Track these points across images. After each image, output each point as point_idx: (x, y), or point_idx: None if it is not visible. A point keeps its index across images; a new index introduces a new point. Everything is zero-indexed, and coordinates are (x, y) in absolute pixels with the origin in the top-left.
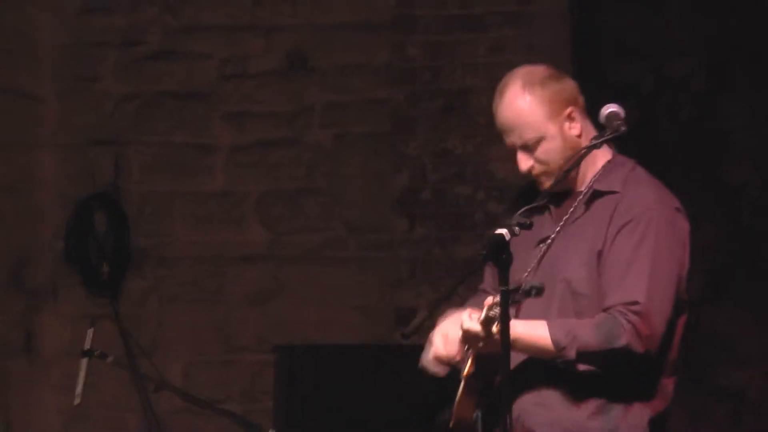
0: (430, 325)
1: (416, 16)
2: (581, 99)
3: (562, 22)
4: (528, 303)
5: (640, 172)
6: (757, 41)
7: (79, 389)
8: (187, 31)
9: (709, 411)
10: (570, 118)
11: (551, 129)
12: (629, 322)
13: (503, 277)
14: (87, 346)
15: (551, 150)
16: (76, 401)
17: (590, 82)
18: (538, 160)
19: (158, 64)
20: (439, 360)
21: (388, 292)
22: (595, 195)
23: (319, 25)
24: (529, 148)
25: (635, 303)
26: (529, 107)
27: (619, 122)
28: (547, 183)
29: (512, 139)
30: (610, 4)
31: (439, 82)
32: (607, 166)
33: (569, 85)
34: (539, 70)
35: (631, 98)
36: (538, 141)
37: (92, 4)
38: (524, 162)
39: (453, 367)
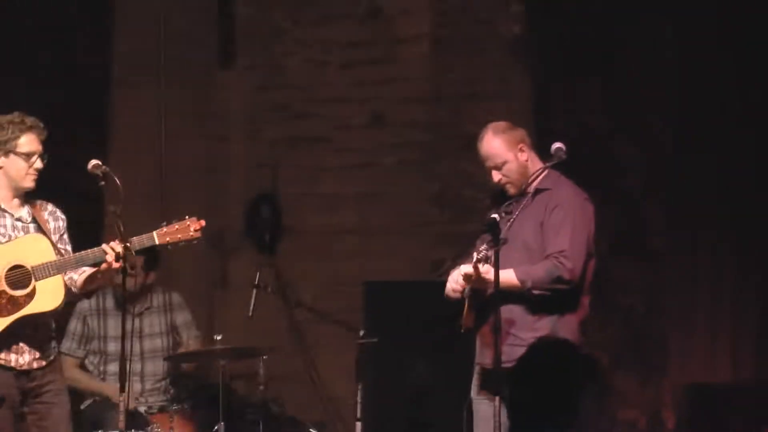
0: (452, 270)
1: (442, 93)
2: (528, 139)
3: (527, 97)
4: (502, 255)
5: (564, 177)
6: (643, 105)
7: (251, 306)
8: (314, 102)
9: (610, 319)
10: (521, 150)
11: (510, 156)
12: (560, 262)
13: (495, 242)
14: (256, 281)
15: (511, 169)
16: (250, 314)
17: (546, 129)
18: (503, 175)
19: (297, 120)
20: (453, 291)
21: (428, 251)
22: (538, 192)
23: (387, 99)
24: (498, 168)
25: (563, 251)
26: (497, 144)
27: (562, 153)
28: (511, 189)
29: (488, 164)
30: (557, 86)
31: (457, 130)
32: (545, 176)
33: (520, 132)
34: (501, 124)
35: (568, 138)
36: (503, 164)
37: (259, 85)
38: (496, 177)
39: (462, 294)
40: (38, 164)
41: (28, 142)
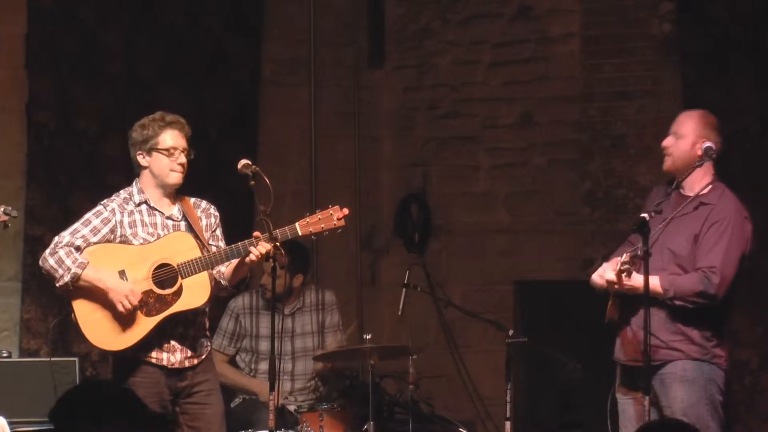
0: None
1: (593, 92)
2: (717, 147)
3: (677, 96)
4: (651, 261)
5: (728, 192)
6: None
7: (401, 305)
8: (464, 102)
9: (760, 317)
10: (702, 143)
11: (691, 138)
12: (708, 277)
13: (645, 241)
14: (406, 281)
15: (681, 147)
16: (399, 313)
17: None
18: (672, 145)
19: (447, 120)
20: (600, 276)
21: (579, 250)
22: (701, 204)
23: (538, 98)
24: (675, 136)
25: (714, 267)
26: (691, 120)
27: (711, 152)
28: (667, 162)
29: (672, 127)
30: (708, 86)
31: (607, 129)
32: (711, 187)
33: (717, 136)
34: (713, 117)
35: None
36: (681, 137)
37: (409, 85)
38: (667, 141)
39: (605, 291)
40: (181, 159)
41: (169, 138)
